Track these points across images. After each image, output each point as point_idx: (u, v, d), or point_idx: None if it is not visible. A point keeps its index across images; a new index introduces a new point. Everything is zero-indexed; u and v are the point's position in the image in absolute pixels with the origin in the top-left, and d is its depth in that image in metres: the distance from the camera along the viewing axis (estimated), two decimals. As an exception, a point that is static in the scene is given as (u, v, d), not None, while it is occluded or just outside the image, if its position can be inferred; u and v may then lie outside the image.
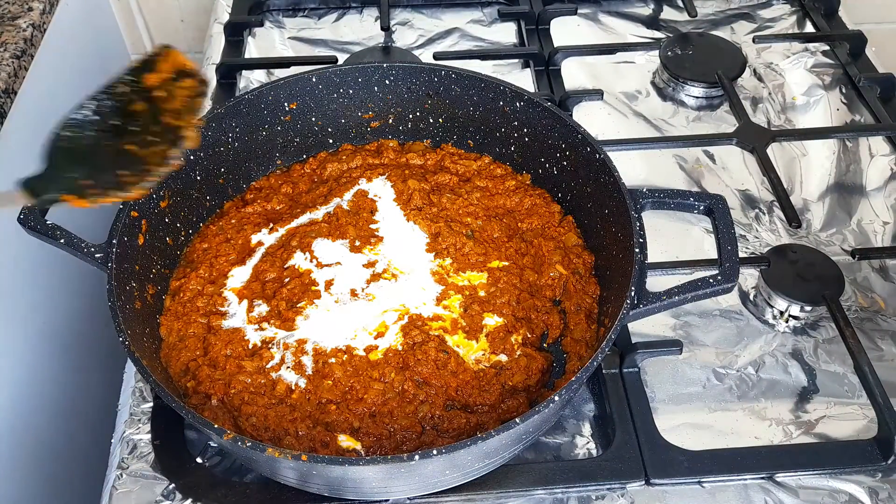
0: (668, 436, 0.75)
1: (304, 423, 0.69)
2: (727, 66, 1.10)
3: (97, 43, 1.42)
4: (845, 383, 0.80)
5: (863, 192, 0.99)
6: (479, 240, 0.83)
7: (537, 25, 1.20)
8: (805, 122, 1.08)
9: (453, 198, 0.87)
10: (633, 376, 0.79)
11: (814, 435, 0.76)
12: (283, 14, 1.24)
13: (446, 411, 0.71)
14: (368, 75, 0.89)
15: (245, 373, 0.72)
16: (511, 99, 0.86)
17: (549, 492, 0.72)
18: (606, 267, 0.79)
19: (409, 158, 0.92)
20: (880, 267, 0.90)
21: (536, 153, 0.87)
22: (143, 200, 0.75)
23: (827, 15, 1.22)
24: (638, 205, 0.73)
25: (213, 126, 0.83)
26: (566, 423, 0.77)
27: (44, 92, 1.11)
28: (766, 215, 0.95)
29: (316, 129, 0.92)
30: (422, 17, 1.23)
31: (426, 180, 0.89)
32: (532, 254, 0.83)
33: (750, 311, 0.86)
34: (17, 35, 1.03)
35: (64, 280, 1.13)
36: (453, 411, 0.71)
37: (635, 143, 1.01)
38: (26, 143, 1.09)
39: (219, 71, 1.12)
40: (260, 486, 0.72)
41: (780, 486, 0.72)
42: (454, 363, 0.73)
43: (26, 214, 0.72)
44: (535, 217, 0.86)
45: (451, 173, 0.90)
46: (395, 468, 0.60)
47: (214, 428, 0.60)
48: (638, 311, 0.67)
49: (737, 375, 0.80)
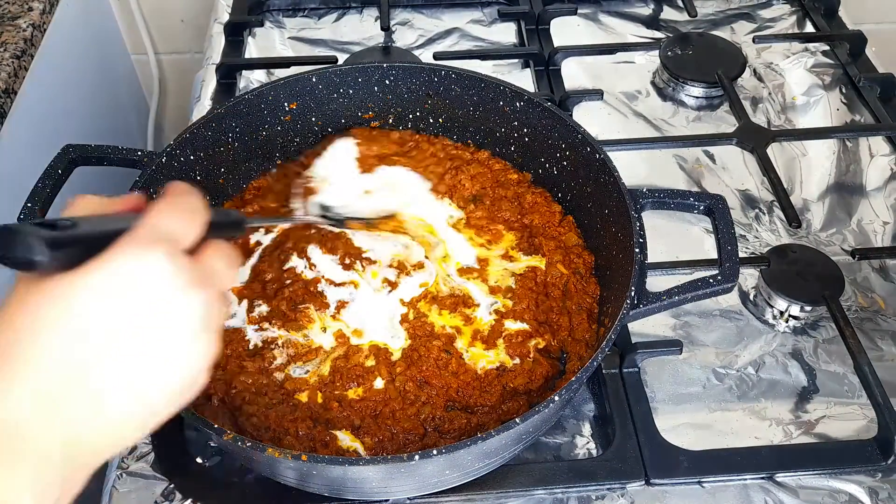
0: (668, 436, 0.75)
1: (305, 423, 0.69)
2: (727, 66, 1.10)
3: (97, 43, 1.42)
4: (845, 383, 0.80)
5: (863, 192, 0.99)
6: (487, 212, 0.85)
7: (537, 25, 1.20)
8: (805, 122, 1.08)
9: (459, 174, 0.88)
10: (633, 376, 0.79)
11: (814, 435, 0.76)
12: (283, 14, 1.24)
13: (447, 412, 0.71)
14: (368, 75, 0.89)
15: (246, 373, 0.72)
16: (511, 99, 0.86)
17: (549, 492, 0.72)
18: (606, 267, 0.79)
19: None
20: (880, 267, 0.90)
21: (536, 153, 0.87)
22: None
23: (827, 15, 1.22)
24: (638, 205, 0.73)
25: (213, 126, 0.83)
26: (566, 423, 0.77)
27: (44, 92, 1.11)
28: (766, 215, 0.95)
29: (316, 129, 0.92)
30: (422, 17, 1.23)
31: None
32: (539, 249, 0.83)
33: (750, 311, 0.86)
34: (17, 35, 1.03)
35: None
36: (454, 412, 0.71)
37: (635, 143, 1.01)
38: (26, 143, 1.10)
39: (219, 71, 1.12)
40: (260, 486, 0.72)
41: (780, 486, 0.72)
42: (455, 364, 0.73)
43: (26, 214, 0.72)
44: (536, 215, 0.86)
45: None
46: (395, 468, 0.60)
47: (214, 428, 0.60)
48: (638, 311, 0.67)
49: (737, 375, 0.80)
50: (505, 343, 0.75)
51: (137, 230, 0.45)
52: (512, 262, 0.82)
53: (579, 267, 0.81)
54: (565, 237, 0.84)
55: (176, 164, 0.79)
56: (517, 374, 0.73)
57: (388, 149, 0.91)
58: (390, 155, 0.90)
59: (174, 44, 1.55)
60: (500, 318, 0.77)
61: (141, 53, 1.54)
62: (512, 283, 0.80)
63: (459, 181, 0.88)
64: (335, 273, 0.80)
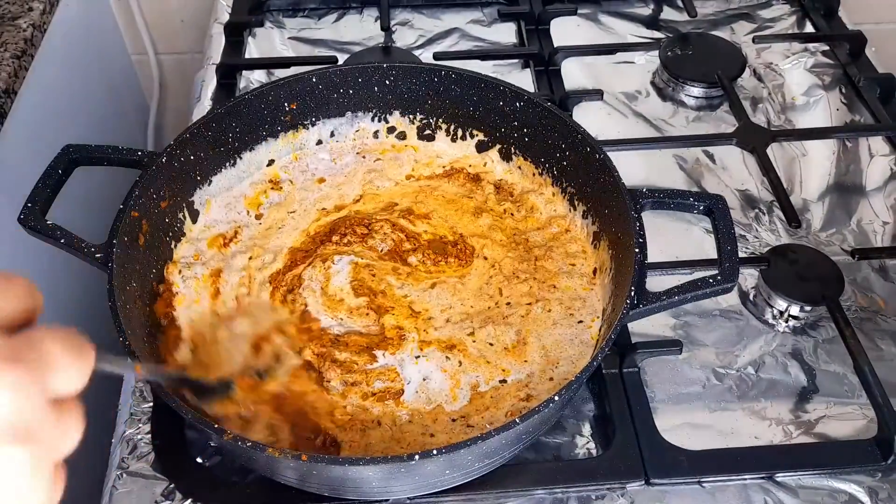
0: (668, 436, 0.75)
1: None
2: (727, 66, 1.10)
3: (97, 43, 1.42)
4: (845, 383, 0.80)
5: (863, 192, 0.99)
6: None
7: (537, 25, 1.20)
8: (805, 123, 1.08)
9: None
10: (633, 376, 0.79)
11: (814, 435, 0.76)
12: (284, 14, 1.24)
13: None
14: (368, 75, 0.89)
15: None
16: (511, 99, 0.86)
17: (548, 492, 0.72)
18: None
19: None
20: (880, 267, 0.90)
21: (536, 153, 0.87)
22: (144, 201, 0.75)
23: (826, 15, 1.22)
24: (638, 205, 0.73)
25: (213, 126, 0.83)
26: (566, 423, 0.77)
27: (44, 92, 1.11)
28: (766, 215, 0.95)
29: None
30: (422, 18, 1.23)
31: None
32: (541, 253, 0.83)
33: (750, 311, 0.86)
34: (17, 35, 1.03)
35: (64, 280, 1.13)
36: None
37: (635, 144, 1.01)
38: (26, 144, 1.10)
39: (219, 71, 1.12)
40: (260, 486, 0.72)
41: (779, 485, 0.72)
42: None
43: (27, 214, 0.72)
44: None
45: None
46: (394, 468, 0.60)
47: (214, 428, 0.60)
48: (638, 311, 0.67)
49: (736, 375, 0.80)
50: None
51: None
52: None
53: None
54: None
55: (176, 164, 0.79)
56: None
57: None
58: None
59: (174, 44, 1.55)
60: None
61: (141, 54, 1.54)
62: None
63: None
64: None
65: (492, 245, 0.82)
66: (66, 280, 1.13)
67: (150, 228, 0.76)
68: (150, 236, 0.76)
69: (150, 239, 0.76)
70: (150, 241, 0.76)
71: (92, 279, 0.78)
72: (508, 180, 0.88)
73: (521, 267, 0.80)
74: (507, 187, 0.88)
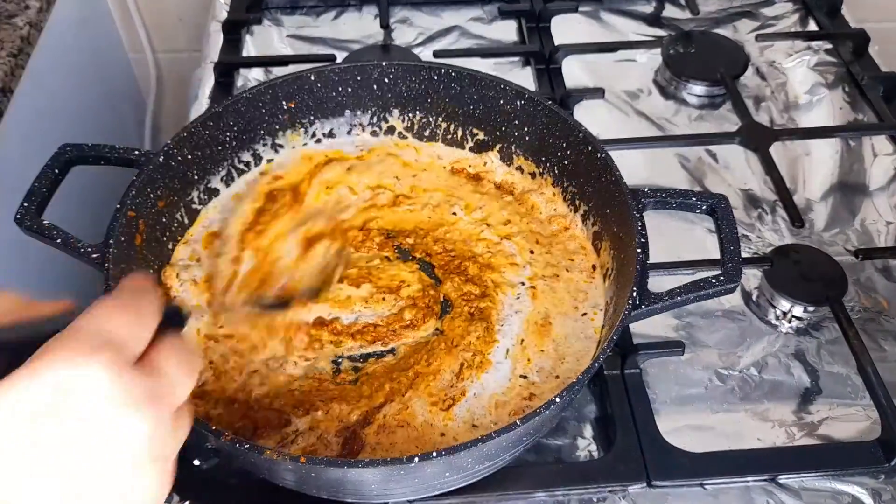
0: (669, 437, 0.74)
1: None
2: (729, 64, 1.10)
3: (94, 41, 1.41)
4: (848, 384, 0.79)
5: (866, 191, 0.98)
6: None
7: (538, 23, 1.19)
8: (808, 121, 1.07)
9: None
10: (634, 378, 0.78)
11: (817, 436, 0.75)
12: (282, 12, 1.23)
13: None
14: (367, 74, 0.88)
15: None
16: (511, 98, 0.85)
17: (550, 494, 0.71)
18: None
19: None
20: (884, 267, 0.89)
21: (537, 152, 0.86)
22: (141, 200, 0.74)
23: (829, 13, 1.21)
24: (640, 204, 0.72)
25: (211, 125, 0.82)
26: (567, 425, 0.76)
27: (40, 91, 1.10)
28: (769, 215, 0.94)
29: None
30: (421, 15, 1.22)
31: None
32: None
33: (752, 311, 0.85)
34: (13, 33, 1.03)
35: (61, 280, 1.12)
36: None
37: (637, 143, 1.00)
38: (23, 143, 1.09)
39: (217, 69, 1.11)
40: (259, 488, 0.71)
41: (782, 487, 0.72)
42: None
43: (23, 214, 0.71)
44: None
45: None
46: (394, 470, 0.60)
47: (212, 430, 0.59)
48: (640, 312, 0.67)
49: (739, 377, 0.80)
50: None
51: (74, 332, 0.37)
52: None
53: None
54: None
55: (173, 163, 0.79)
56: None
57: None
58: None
59: (172, 42, 1.54)
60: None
61: (138, 52, 1.53)
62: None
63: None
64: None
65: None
66: (63, 280, 1.12)
67: (147, 228, 0.75)
68: (147, 236, 0.75)
69: (147, 239, 0.76)
70: (148, 241, 0.76)
71: (89, 279, 0.77)
72: (509, 180, 0.88)
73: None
74: (507, 187, 0.87)
